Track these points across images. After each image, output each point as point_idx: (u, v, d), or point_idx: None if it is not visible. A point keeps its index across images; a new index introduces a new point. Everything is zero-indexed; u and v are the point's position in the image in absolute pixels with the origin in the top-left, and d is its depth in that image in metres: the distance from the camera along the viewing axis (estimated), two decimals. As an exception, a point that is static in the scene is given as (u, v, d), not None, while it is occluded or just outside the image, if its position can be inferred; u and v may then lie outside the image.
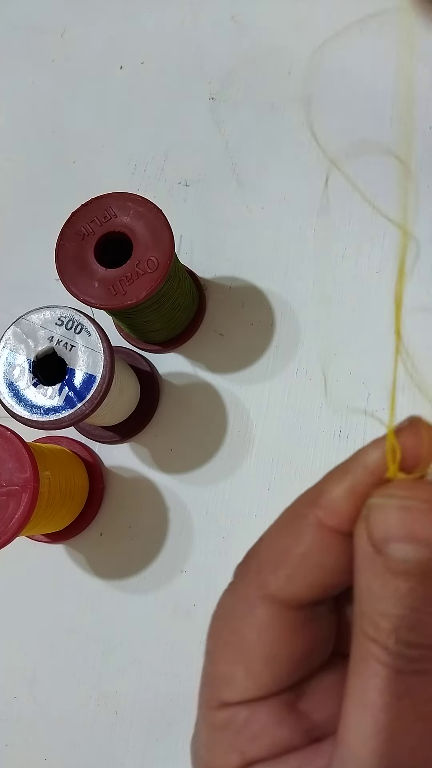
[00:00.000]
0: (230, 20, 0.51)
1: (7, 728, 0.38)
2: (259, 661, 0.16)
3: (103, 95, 0.50)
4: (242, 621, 0.17)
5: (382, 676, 0.14)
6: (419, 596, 0.14)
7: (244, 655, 0.16)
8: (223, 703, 0.17)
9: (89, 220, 0.35)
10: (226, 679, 0.17)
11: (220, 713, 0.16)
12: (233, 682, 0.16)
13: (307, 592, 0.16)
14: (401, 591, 0.14)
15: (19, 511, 0.30)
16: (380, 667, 0.14)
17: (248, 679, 0.16)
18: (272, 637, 0.16)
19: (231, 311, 0.43)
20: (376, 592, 0.14)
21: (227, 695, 0.16)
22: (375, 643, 0.14)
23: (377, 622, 0.14)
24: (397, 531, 0.15)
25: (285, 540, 0.17)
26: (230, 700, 0.16)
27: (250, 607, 0.17)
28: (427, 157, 0.45)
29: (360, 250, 0.43)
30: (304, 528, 0.16)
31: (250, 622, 0.16)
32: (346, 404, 0.41)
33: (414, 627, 0.14)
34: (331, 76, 0.48)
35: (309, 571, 0.16)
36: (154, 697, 0.38)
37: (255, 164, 0.47)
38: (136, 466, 0.42)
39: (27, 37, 0.53)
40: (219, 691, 0.17)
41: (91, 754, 0.37)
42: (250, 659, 0.16)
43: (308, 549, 0.16)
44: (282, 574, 0.16)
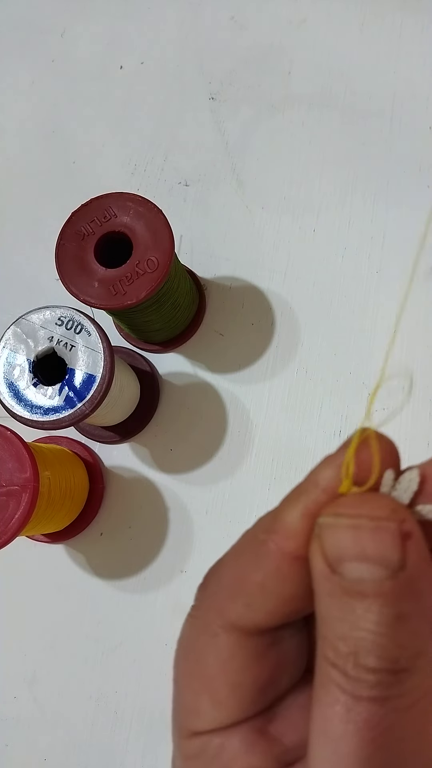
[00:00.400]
0: (230, 20, 0.51)
1: (7, 728, 0.38)
2: (223, 690, 0.16)
3: (103, 95, 0.50)
4: (204, 650, 0.16)
5: (342, 703, 0.13)
6: (375, 618, 0.13)
7: (208, 685, 0.16)
8: (194, 733, 0.16)
9: (89, 220, 0.35)
10: (193, 710, 0.16)
11: (192, 742, 0.16)
12: (200, 712, 0.16)
13: (268, 619, 0.16)
14: (357, 613, 0.14)
15: (19, 511, 0.30)
16: (340, 693, 0.14)
17: (214, 709, 0.16)
18: (235, 665, 0.16)
19: (231, 311, 0.43)
20: (334, 615, 0.14)
21: (196, 725, 0.16)
22: (335, 669, 0.14)
23: (336, 645, 0.14)
24: (348, 551, 0.14)
25: (243, 567, 0.16)
26: (199, 729, 0.16)
27: (211, 635, 0.16)
28: (428, 157, 0.45)
29: (360, 250, 0.43)
30: (262, 555, 0.16)
31: (212, 652, 0.16)
32: (347, 404, 0.41)
33: (371, 651, 0.13)
34: (330, 76, 0.48)
35: (268, 600, 0.16)
36: (154, 697, 0.38)
37: (255, 164, 0.47)
38: (136, 466, 0.42)
39: (27, 37, 0.53)
40: (188, 721, 0.16)
41: (91, 754, 0.37)
42: (215, 689, 0.16)
43: (266, 577, 0.15)
44: (241, 603, 0.16)
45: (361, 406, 0.40)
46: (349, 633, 0.14)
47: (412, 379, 0.40)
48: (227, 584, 0.16)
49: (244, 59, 0.49)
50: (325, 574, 0.14)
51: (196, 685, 0.16)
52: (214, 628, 0.16)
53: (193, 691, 0.16)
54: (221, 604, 0.16)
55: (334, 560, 0.14)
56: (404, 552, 0.14)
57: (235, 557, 0.17)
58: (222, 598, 0.16)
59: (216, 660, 0.16)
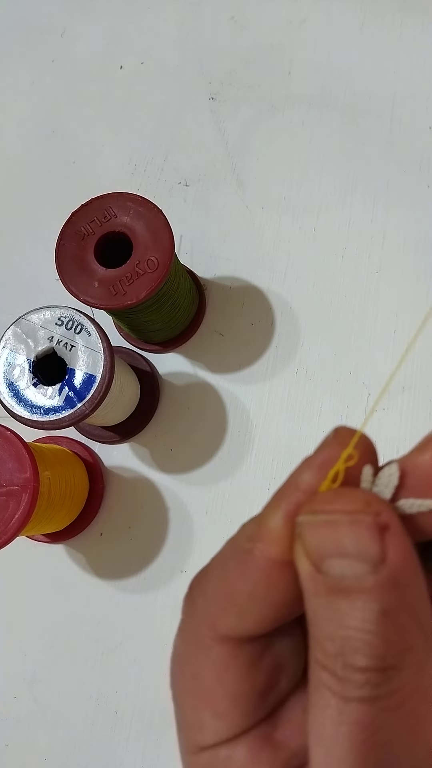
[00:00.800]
0: (230, 20, 0.51)
1: (7, 728, 0.38)
2: (223, 702, 0.16)
3: (103, 95, 0.50)
4: (199, 665, 0.16)
5: (333, 705, 0.13)
6: (360, 615, 0.13)
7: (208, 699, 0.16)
8: (200, 748, 0.16)
9: (89, 220, 0.35)
10: (196, 725, 0.16)
11: (200, 757, 0.16)
12: (203, 726, 0.16)
13: (260, 627, 0.16)
14: (342, 611, 0.13)
15: (19, 511, 0.30)
16: (330, 696, 0.13)
17: (217, 722, 0.16)
18: (232, 676, 0.16)
19: (231, 311, 0.43)
20: (321, 614, 0.14)
21: (200, 740, 0.16)
22: (325, 671, 0.14)
23: (324, 646, 0.14)
24: (328, 547, 0.14)
25: (230, 578, 0.16)
26: (205, 743, 0.16)
27: (203, 649, 0.16)
28: (428, 157, 0.45)
29: (360, 250, 0.43)
30: (248, 564, 0.15)
31: (207, 665, 0.16)
32: (347, 404, 0.41)
33: (358, 649, 0.13)
34: (330, 76, 0.48)
35: (259, 608, 0.15)
36: (154, 697, 0.38)
37: (255, 164, 0.47)
38: (136, 466, 0.41)
39: (27, 37, 0.53)
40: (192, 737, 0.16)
41: (91, 754, 0.37)
42: (214, 702, 0.16)
43: (255, 586, 0.15)
44: (232, 614, 0.15)
45: (361, 406, 0.40)
46: (336, 632, 0.13)
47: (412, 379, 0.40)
48: (215, 596, 0.16)
49: (244, 59, 0.49)
50: (310, 574, 0.14)
51: (196, 701, 0.16)
52: (206, 641, 0.16)
53: (193, 707, 0.16)
54: (211, 616, 0.16)
55: (317, 559, 0.14)
56: (383, 545, 0.13)
57: (221, 567, 0.16)
58: (211, 610, 0.16)
59: (212, 673, 0.16)
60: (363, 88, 0.47)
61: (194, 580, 0.17)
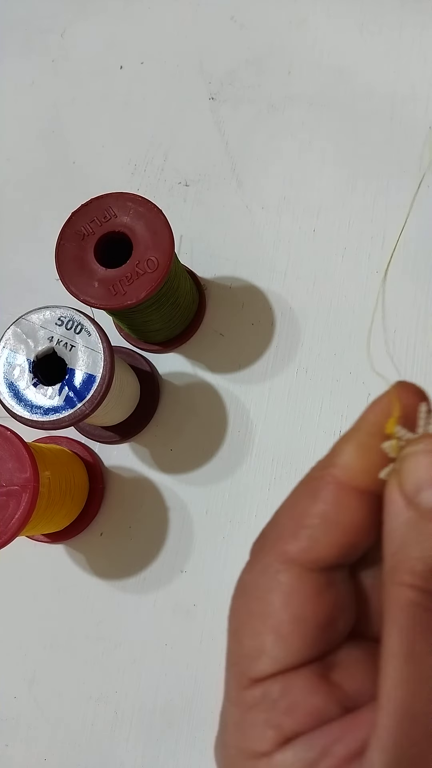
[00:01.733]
0: (230, 20, 0.51)
1: (7, 728, 0.38)
2: (287, 624, 0.16)
3: (103, 95, 0.50)
4: (266, 590, 0.17)
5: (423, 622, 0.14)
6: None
7: (272, 622, 0.16)
8: (254, 680, 0.16)
9: (89, 220, 0.35)
10: (255, 652, 0.16)
11: (251, 691, 0.16)
12: (263, 652, 0.16)
13: (328, 552, 0.16)
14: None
15: (19, 511, 0.30)
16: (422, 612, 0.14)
17: (278, 646, 0.16)
18: (298, 599, 0.16)
19: (231, 311, 0.43)
20: (411, 539, 0.15)
21: (258, 669, 0.16)
22: (412, 589, 0.15)
23: (413, 566, 0.15)
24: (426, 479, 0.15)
25: (302, 502, 0.17)
26: (261, 673, 0.16)
27: (272, 574, 0.17)
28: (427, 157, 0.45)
29: (360, 250, 0.43)
30: (321, 489, 0.17)
31: (275, 588, 0.16)
32: (347, 404, 0.41)
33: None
34: (330, 76, 0.48)
35: (329, 530, 0.16)
36: (154, 697, 0.38)
37: (255, 164, 0.47)
38: (136, 466, 0.42)
39: (27, 37, 0.53)
40: (248, 668, 0.16)
41: (91, 754, 0.37)
42: (279, 624, 0.16)
43: (327, 508, 0.16)
44: (303, 536, 0.16)
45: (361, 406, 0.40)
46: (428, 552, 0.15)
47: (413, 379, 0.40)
48: (286, 522, 0.17)
49: (244, 59, 0.49)
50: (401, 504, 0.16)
51: (259, 626, 0.16)
52: (275, 566, 0.17)
53: (255, 632, 0.16)
54: (282, 543, 0.17)
55: (413, 490, 0.15)
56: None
57: (293, 500, 0.17)
58: (282, 537, 0.17)
59: (279, 597, 0.16)
60: (363, 88, 0.47)
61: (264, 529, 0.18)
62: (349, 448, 0.17)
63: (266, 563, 0.17)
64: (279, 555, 0.17)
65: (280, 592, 0.16)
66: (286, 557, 0.16)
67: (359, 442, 0.17)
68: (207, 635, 0.38)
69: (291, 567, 0.16)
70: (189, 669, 0.38)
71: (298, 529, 0.17)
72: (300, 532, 0.17)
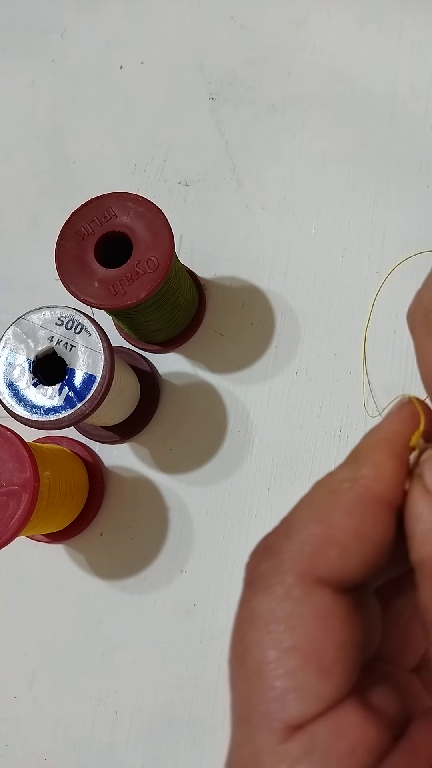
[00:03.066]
0: (230, 20, 0.51)
1: (7, 728, 0.38)
2: (330, 654, 0.14)
3: (103, 95, 0.50)
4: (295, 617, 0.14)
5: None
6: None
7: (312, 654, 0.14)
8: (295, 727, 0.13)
9: (89, 220, 0.35)
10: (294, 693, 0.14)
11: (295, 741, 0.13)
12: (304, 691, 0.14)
13: (360, 570, 0.15)
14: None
15: (19, 511, 0.30)
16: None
17: (322, 680, 0.14)
18: (337, 624, 0.14)
19: (231, 311, 0.43)
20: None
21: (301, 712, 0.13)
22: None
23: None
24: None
25: (330, 516, 0.15)
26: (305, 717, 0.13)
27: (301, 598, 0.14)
28: (428, 157, 0.45)
29: (360, 250, 0.43)
30: (352, 500, 0.15)
31: (307, 614, 0.14)
32: (347, 404, 0.41)
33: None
34: (330, 76, 0.48)
35: (361, 547, 0.15)
36: (154, 697, 0.38)
37: (255, 164, 0.47)
38: (136, 466, 0.42)
39: (27, 37, 0.53)
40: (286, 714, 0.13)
41: (91, 754, 0.37)
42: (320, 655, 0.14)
43: (360, 521, 0.15)
44: (333, 554, 0.15)
45: (361, 406, 0.40)
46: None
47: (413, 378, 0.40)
48: (310, 539, 0.15)
49: (244, 59, 0.49)
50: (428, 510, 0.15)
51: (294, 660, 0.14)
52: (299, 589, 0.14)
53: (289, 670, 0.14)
54: (305, 561, 0.15)
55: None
56: None
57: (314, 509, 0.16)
58: (307, 554, 0.15)
59: (315, 622, 0.14)
60: (363, 88, 0.47)
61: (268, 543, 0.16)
62: (382, 458, 0.15)
63: (287, 586, 0.15)
64: (305, 575, 0.15)
65: (315, 617, 0.14)
66: (314, 577, 0.15)
67: (392, 452, 0.16)
68: (207, 635, 0.38)
69: (322, 588, 0.15)
70: (189, 669, 0.38)
71: (326, 546, 0.15)
72: (329, 548, 0.15)
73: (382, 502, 0.15)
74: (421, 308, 0.16)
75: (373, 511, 0.15)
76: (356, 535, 0.15)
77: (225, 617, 0.38)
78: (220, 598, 0.38)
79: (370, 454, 0.16)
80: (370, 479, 0.15)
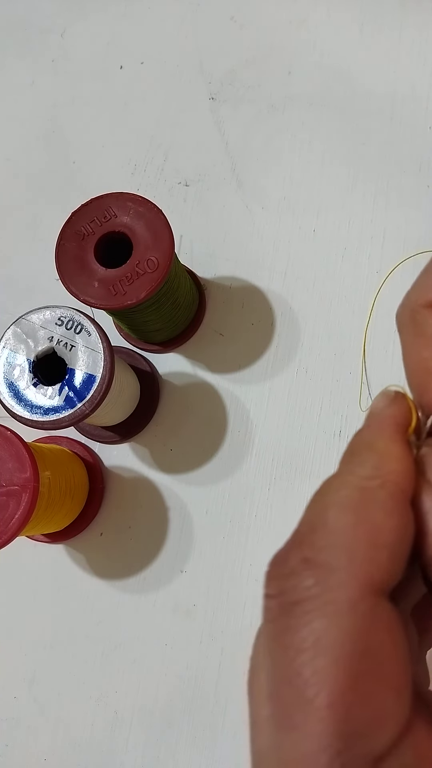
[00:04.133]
0: (230, 20, 0.51)
1: (7, 728, 0.38)
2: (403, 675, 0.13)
3: (103, 95, 0.50)
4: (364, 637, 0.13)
5: None
6: None
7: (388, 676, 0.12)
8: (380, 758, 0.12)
9: (89, 220, 0.35)
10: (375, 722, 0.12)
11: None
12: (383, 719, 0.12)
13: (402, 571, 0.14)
14: None
15: (19, 511, 0.30)
16: None
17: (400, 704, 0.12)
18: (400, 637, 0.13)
19: (231, 311, 0.43)
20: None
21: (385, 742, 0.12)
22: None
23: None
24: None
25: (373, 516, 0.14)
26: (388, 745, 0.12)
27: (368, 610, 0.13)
28: (428, 157, 0.45)
29: (360, 250, 0.43)
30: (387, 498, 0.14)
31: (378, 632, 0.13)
32: (347, 404, 0.41)
33: None
34: (330, 76, 0.48)
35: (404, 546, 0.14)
36: (154, 697, 0.38)
37: (255, 164, 0.47)
38: (136, 466, 0.42)
39: (27, 37, 0.53)
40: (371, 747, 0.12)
41: (91, 754, 0.37)
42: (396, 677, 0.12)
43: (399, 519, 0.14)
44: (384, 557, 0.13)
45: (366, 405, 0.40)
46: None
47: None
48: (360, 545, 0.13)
49: (244, 59, 0.49)
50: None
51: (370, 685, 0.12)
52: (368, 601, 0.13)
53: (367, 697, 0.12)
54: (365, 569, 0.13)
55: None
56: None
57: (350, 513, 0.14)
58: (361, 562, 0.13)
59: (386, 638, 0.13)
60: (363, 88, 0.47)
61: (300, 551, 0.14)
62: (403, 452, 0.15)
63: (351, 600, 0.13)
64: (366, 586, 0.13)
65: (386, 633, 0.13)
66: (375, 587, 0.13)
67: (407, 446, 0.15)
68: (207, 635, 0.38)
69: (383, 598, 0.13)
70: (189, 669, 0.38)
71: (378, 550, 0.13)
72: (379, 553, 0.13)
73: (408, 497, 0.14)
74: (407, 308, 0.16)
75: (406, 507, 0.14)
76: (398, 534, 0.14)
77: (225, 617, 0.38)
78: (220, 598, 0.38)
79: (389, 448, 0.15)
80: (398, 474, 0.14)
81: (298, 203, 0.45)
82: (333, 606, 0.13)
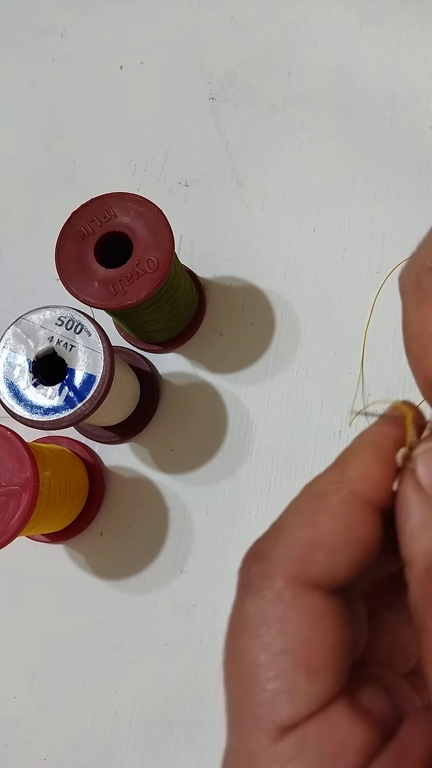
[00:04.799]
0: (230, 20, 0.51)
1: (7, 728, 0.38)
2: (319, 656, 0.14)
3: (103, 95, 0.50)
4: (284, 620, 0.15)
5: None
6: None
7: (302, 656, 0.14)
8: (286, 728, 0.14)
9: (89, 220, 0.35)
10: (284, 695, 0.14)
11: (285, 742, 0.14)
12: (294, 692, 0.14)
13: (348, 571, 0.15)
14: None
15: (19, 511, 0.30)
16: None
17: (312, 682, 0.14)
18: (326, 626, 0.15)
19: (231, 311, 0.43)
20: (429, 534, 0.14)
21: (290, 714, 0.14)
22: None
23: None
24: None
25: (318, 518, 0.15)
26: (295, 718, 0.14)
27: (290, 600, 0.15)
28: (428, 157, 0.45)
29: (360, 250, 0.43)
30: (338, 502, 0.15)
31: (295, 617, 0.15)
32: (346, 404, 0.41)
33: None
34: (330, 76, 0.48)
35: (349, 549, 0.15)
36: (154, 697, 0.38)
37: (255, 164, 0.47)
38: (136, 466, 0.42)
39: (27, 37, 0.53)
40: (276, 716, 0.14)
41: (91, 754, 0.37)
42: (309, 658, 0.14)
43: (348, 523, 0.15)
44: (321, 556, 0.15)
45: (361, 406, 0.40)
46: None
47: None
48: (298, 542, 0.15)
49: (244, 59, 0.49)
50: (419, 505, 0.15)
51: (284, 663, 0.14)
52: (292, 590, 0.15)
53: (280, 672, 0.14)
54: (295, 564, 0.15)
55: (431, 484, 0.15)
56: None
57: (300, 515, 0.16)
58: (295, 557, 0.15)
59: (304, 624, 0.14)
60: (363, 88, 0.47)
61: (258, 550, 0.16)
62: (368, 460, 0.16)
63: (278, 589, 0.15)
64: (294, 578, 0.15)
65: (305, 620, 0.15)
66: (305, 577, 0.15)
67: (378, 455, 0.16)
68: (207, 635, 0.38)
69: (311, 591, 0.15)
70: (189, 669, 0.38)
71: (315, 548, 0.15)
72: (317, 551, 0.15)
73: (368, 504, 0.15)
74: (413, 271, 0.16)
75: (360, 513, 0.15)
76: (344, 537, 0.15)
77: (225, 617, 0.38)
78: (220, 598, 0.38)
79: (356, 456, 0.16)
80: (356, 481, 0.15)
81: (298, 203, 0.45)
82: (264, 591, 0.15)
